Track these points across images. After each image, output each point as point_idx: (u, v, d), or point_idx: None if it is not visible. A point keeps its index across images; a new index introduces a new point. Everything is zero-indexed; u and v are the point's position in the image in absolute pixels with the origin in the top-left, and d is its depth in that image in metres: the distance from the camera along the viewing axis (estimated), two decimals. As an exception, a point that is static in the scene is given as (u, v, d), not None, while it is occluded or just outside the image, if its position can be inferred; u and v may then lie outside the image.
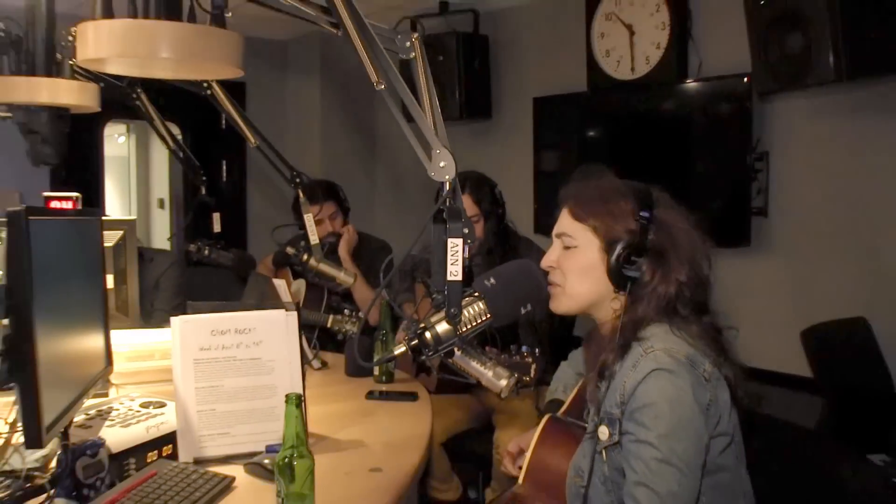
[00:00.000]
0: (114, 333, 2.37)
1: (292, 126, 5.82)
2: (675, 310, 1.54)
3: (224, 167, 5.87)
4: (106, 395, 2.27)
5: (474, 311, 1.56)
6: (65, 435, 1.54)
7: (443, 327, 1.54)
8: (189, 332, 1.87)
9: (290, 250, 3.07)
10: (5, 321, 1.26)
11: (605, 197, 1.59)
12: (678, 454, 1.41)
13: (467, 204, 3.01)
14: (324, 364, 2.87)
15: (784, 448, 1.77)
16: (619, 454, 1.48)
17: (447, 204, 1.56)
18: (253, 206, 5.93)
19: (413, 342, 1.56)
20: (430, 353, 1.57)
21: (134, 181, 7.77)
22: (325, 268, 3.00)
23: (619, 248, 1.53)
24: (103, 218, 2.63)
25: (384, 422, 2.21)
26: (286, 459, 1.39)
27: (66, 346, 1.55)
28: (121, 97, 2.99)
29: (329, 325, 3.09)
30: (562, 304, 1.62)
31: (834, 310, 3.19)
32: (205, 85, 2.70)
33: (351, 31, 1.57)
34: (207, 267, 3.52)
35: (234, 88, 5.71)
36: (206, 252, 3.38)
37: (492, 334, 2.87)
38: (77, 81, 2.40)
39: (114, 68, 1.71)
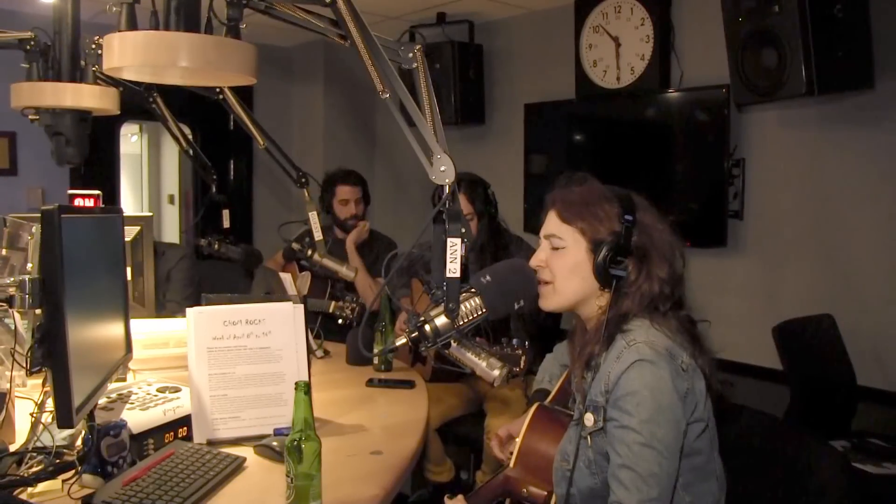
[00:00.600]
0: (132, 322, 2.43)
1: (297, 129, 5.84)
2: (656, 306, 1.58)
3: (232, 166, 5.89)
4: (124, 379, 2.30)
5: (471, 305, 1.60)
6: (91, 416, 1.58)
7: (441, 321, 1.58)
8: (203, 322, 1.90)
9: (295, 246, 3.11)
10: (38, 311, 1.30)
11: (591, 201, 1.62)
12: (658, 438, 1.45)
13: (462, 203, 3.04)
14: (326, 353, 2.91)
15: (753, 434, 1.81)
16: (604, 439, 1.52)
17: (447, 206, 1.60)
18: (259, 204, 5.95)
19: (413, 334, 1.60)
20: (430, 345, 1.61)
21: (146, 178, 7.78)
22: (329, 262, 3.04)
23: (605, 249, 1.56)
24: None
25: (384, 407, 2.24)
26: (295, 442, 1.42)
27: (92, 334, 1.59)
28: (138, 100, 3.01)
29: (331, 310, 3.13)
30: (551, 301, 1.66)
31: (802, 307, 3.24)
32: (217, 90, 2.73)
33: (358, 44, 1.60)
34: (217, 260, 3.55)
35: (243, 93, 5.70)
36: (216, 246, 3.40)
37: (484, 327, 2.93)
38: (99, 86, 2.43)
39: (136, 76, 1.74)
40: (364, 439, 1.93)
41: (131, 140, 7.63)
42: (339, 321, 3.13)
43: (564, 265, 1.62)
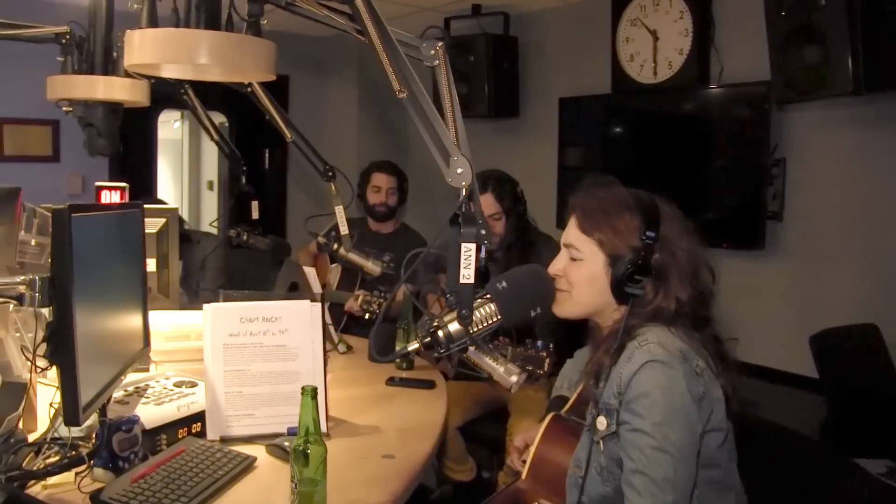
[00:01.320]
0: (155, 314, 2.45)
1: (330, 119, 5.84)
2: (672, 322, 1.54)
3: (267, 156, 5.92)
4: (147, 370, 2.33)
5: (485, 312, 1.57)
6: (103, 411, 1.59)
7: (455, 327, 1.56)
8: (220, 318, 1.91)
9: (320, 239, 3.11)
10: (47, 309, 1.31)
11: (611, 210, 1.57)
12: (672, 441, 1.41)
13: (489, 202, 3.02)
14: (349, 348, 2.90)
15: (780, 453, 1.76)
16: (617, 444, 1.48)
17: (463, 209, 1.57)
18: (293, 195, 5.98)
19: (426, 340, 1.59)
20: (443, 351, 1.59)
21: (186, 164, 7.88)
22: (354, 257, 3.03)
23: (622, 266, 1.52)
24: (148, 206, 2.71)
25: (400, 408, 2.23)
26: (300, 447, 1.41)
27: (105, 330, 1.59)
28: (171, 92, 3.04)
29: (358, 304, 3.13)
30: (565, 309, 1.63)
31: (844, 315, 3.15)
32: (245, 83, 2.73)
33: (375, 41, 1.58)
34: (247, 250, 3.58)
35: (277, 83, 5.78)
36: (245, 237, 3.42)
37: (508, 328, 2.89)
38: (130, 79, 2.45)
39: (156, 71, 1.75)
40: (377, 441, 1.92)
41: (173, 126, 7.72)
42: (367, 315, 3.13)
43: (581, 276, 1.59)
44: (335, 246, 3.03)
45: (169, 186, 7.63)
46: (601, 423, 1.51)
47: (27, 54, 2.48)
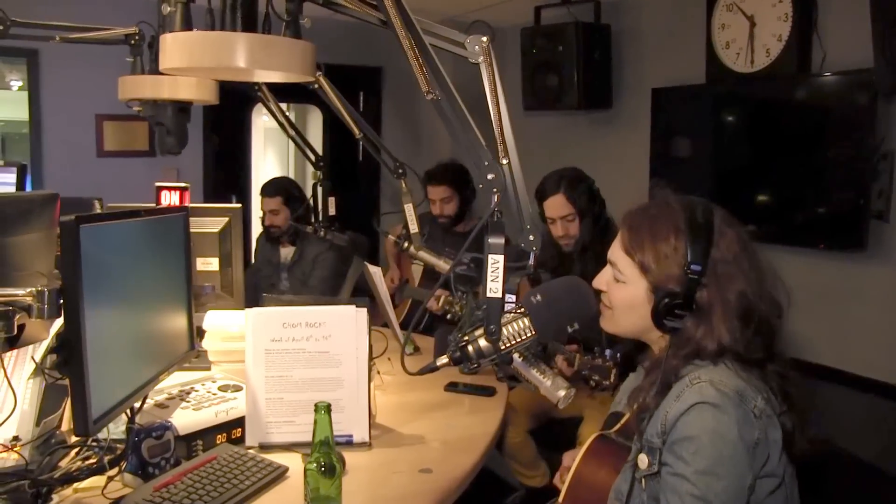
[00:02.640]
0: (215, 314, 2.47)
1: (425, 111, 5.79)
2: (722, 360, 1.39)
3: (361, 149, 5.95)
4: (208, 368, 2.36)
5: (518, 326, 1.48)
6: (132, 418, 1.59)
7: (485, 342, 1.48)
8: (262, 323, 1.88)
9: (390, 238, 3.07)
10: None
11: (659, 232, 1.42)
12: (716, 492, 1.27)
13: (561, 203, 2.90)
14: (416, 349, 2.85)
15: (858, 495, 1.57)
16: (658, 485, 1.36)
17: (495, 218, 1.47)
18: (386, 188, 5.98)
19: (456, 355, 1.51)
20: (474, 366, 1.51)
21: (292, 151, 8.04)
22: (424, 255, 2.96)
23: (662, 298, 1.38)
24: (211, 206, 2.74)
25: (452, 417, 2.15)
26: (314, 465, 1.36)
27: (135, 335, 1.59)
28: (244, 88, 3.06)
29: (440, 303, 3.07)
30: (608, 326, 1.54)
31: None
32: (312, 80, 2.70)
33: (400, 34, 1.49)
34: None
35: (371, 73, 5.79)
36: (322, 233, 3.43)
37: (574, 335, 2.76)
38: (195, 78, 2.47)
39: (193, 73, 1.73)
40: (418, 454, 1.85)
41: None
42: (448, 316, 3.07)
43: (623, 299, 1.47)
44: (406, 244, 2.98)
45: (276, 172, 7.79)
46: (643, 461, 1.38)
47: (123, 52, 2.56)
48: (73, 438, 1.68)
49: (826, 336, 3.26)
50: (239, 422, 1.84)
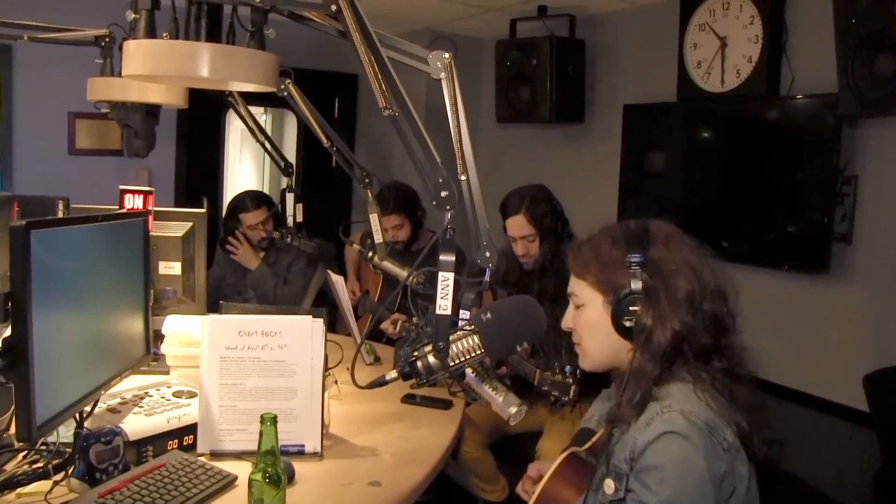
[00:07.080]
0: (175, 318, 2.48)
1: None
2: (679, 356, 1.42)
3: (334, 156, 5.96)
4: (167, 373, 2.37)
5: (467, 344, 1.51)
6: (80, 423, 1.60)
7: (433, 358, 1.50)
8: (218, 331, 1.90)
9: (355, 247, 3.09)
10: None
11: (598, 248, 1.50)
12: None
13: (522, 224, 2.93)
14: (376, 359, 2.87)
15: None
16: None
17: (447, 235, 1.50)
18: (359, 194, 6.00)
19: (406, 370, 1.54)
20: (423, 382, 1.54)
21: (267, 157, 8.01)
22: (388, 266, 2.99)
23: (616, 298, 1.43)
24: (176, 210, 2.75)
25: (406, 429, 2.17)
26: (259, 474, 1.38)
27: (86, 340, 1.60)
28: (217, 94, 3.07)
29: (397, 328, 3.10)
30: (585, 363, 1.57)
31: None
32: (282, 86, 2.72)
33: (362, 56, 1.52)
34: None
35: (347, 80, 5.81)
36: (289, 240, 3.44)
37: (537, 350, 2.80)
38: (165, 82, 2.49)
39: (154, 80, 1.75)
40: (368, 466, 1.87)
41: (261, 119, 7.88)
42: (403, 333, 3.09)
43: (586, 324, 1.52)
44: (370, 254, 3.00)
45: (253, 176, 7.78)
46: (609, 486, 1.41)
47: (97, 51, 2.57)
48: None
49: (788, 356, 3.33)
50: (191, 428, 1.85)
